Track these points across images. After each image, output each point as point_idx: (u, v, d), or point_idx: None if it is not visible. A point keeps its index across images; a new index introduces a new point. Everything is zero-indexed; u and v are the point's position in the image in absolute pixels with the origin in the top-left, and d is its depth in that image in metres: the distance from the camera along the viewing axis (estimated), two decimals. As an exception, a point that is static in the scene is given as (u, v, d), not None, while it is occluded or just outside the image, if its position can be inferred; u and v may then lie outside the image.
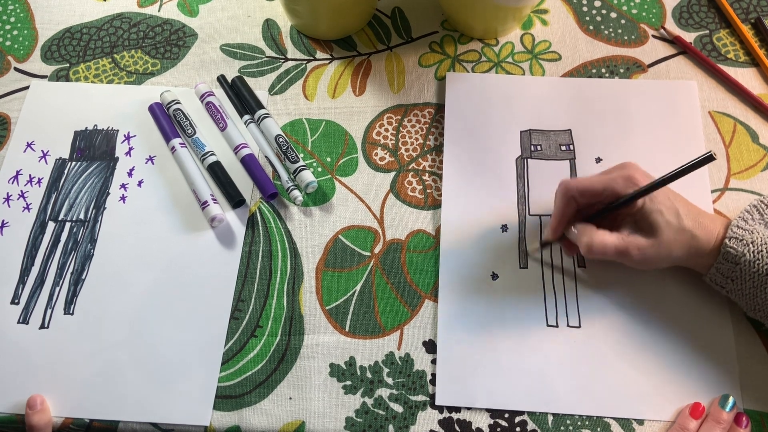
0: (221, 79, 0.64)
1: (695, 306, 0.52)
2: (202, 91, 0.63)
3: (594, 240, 0.48)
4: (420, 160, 0.60)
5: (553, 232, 0.51)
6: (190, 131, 0.60)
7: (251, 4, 0.69)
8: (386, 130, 0.61)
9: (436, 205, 0.58)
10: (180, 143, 0.60)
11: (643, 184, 0.47)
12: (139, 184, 0.59)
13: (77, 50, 0.67)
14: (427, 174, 0.59)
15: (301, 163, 0.59)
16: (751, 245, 0.46)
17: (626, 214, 0.49)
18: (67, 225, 0.58)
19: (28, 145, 0.61)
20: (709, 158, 0.43)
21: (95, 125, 0.62)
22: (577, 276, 0.54)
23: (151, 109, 0.62)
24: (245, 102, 0.62)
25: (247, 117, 0.62)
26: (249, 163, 0.59)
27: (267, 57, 0.66)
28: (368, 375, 0.52)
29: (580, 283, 0.54)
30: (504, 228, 0.56)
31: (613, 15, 0.67)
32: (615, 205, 0.48)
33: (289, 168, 0.59)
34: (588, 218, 0.50)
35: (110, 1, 0.70)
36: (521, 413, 0.50)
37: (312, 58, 0.66)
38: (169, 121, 0.61)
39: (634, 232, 0.48)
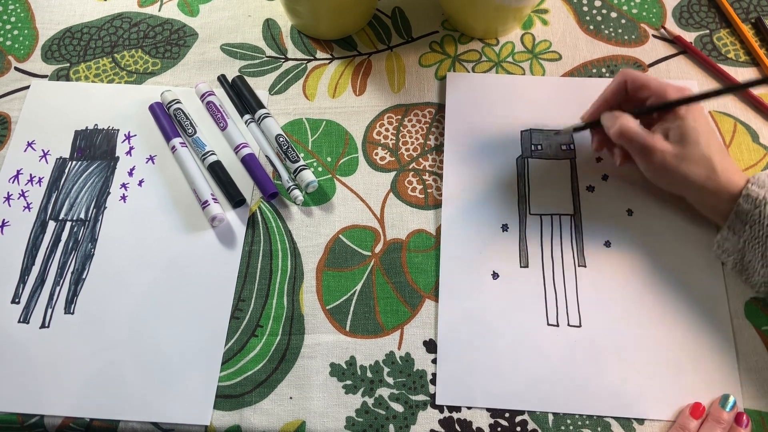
0: (222, 79, 0.64)
1: (696, 306, 0.52)
2: (202, 91, 0.63)
3: (629, 124, 0.50)
4: (420, 159, 0.60)
5: (593, 112, 0.54)
6: (190, 131, 0.60)
7: (251, 4, 0.69)
8: (386, 129, 0.61)
9: (436, 204, 0.58)
10: (180, 143, 0.60)
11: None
12: (140, 183, 0.59)
13: (78, 50, 0.67)
14: (427, 174, 0.59)
15: (302, 162, 0.59)
16: None
17: (663, 123, 0.50)
18: (68, 224, 0.58)
19: (29, 144, 0.61)
20: (765, 80, 0.46)
21: (96, 125, 0.62)
22: (577, 275, 0.54)
23: (152, 108, 0.62)
24: (246, 102, 0.62)
25: (247, 116, 0.62)
26: (249, 163, 0.59)
27: (267, 57, 0.66)
28: (369, 374, 0.52)
29: (580, 282, 0.54)
30: (504, 227, 0.56)
31: (614, 15, 0.67)
32: (660, 105, 0.50)
33: (290, 167, 0.59)
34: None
35: (111, 1, 0.70)
36: (522, 413, 0.50)
37: (312, 57, 0.66)
38: (169, 120, 0.61)
39: (665, 139, 0.50)
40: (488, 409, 0.50)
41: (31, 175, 0.60)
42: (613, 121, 0.51)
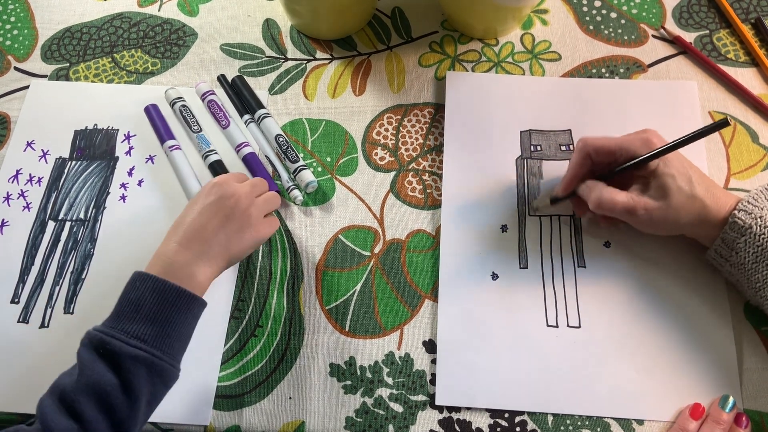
0: (221, 79, 0.64)
1: (696, 306, 0.52)
2: (202, 91, 0.63)
3: (603, 195, 0.49)
4: (420, 159, 0.60)
5: (565, 187, 0.52)
6: (195, 128, 0.60)
7: (251, 4, 0.69)
8: (386, 129, 0.61)
9: (436, 205, 0.58)
10: (172, 146, 0.60)
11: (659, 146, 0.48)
12: (139, 183, 0.59)
13: (77, 50, 0.67)
14: (427, 174, 0.59)
15: (301, 162, 0.59)
16: (759, 219, 0.46)
17: (638, 177, 0.50)
18: (67, 224, 0.58)
19: (28, 144, 0.61)
20: (724, 123, 0.44)
21: (95, 124, 0.62)
22: (577, 276, 0.54)
23: (147, 110, 0.62)
24: (245, 102, 0.62)
25: (247, 117, 0.62)
26: (250, 162, 0.59)
27: (267, 57, 0.66)
28: (368, 375, 0.52)
29: (580, 283, 0.54)
30: (504, 228, 0.56)
31: (613, 15, 0.67)
32: (629, 165, 0.49)
33: (289, 168, 0.59)
34: (601, 177, 0.51)
35: (110, 1, 0.70)
36: (521, 413, 0.50)
37: (312, 57, 0.66)
38: (164, 122, 0.61)
39: (643, 194, 0.49)
40: (488, 410, 0.50)
41: (30, 174, 0.60)
42: (588, 193, 0.50)
